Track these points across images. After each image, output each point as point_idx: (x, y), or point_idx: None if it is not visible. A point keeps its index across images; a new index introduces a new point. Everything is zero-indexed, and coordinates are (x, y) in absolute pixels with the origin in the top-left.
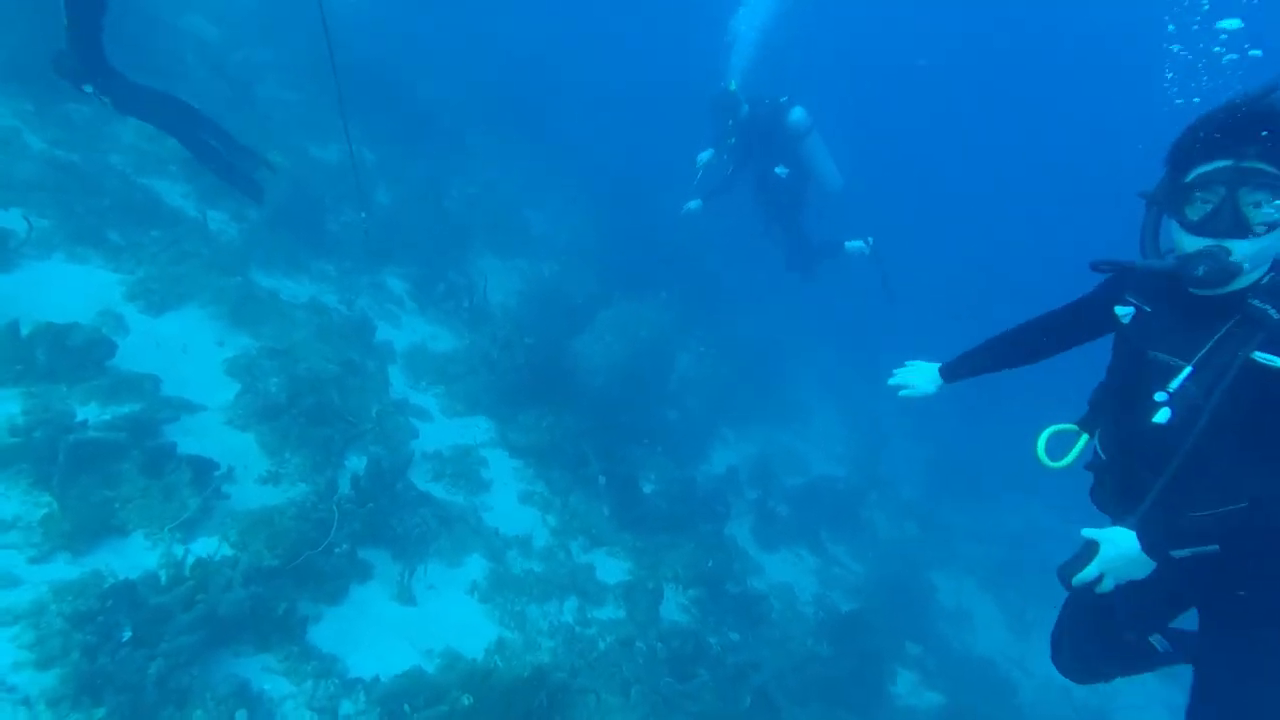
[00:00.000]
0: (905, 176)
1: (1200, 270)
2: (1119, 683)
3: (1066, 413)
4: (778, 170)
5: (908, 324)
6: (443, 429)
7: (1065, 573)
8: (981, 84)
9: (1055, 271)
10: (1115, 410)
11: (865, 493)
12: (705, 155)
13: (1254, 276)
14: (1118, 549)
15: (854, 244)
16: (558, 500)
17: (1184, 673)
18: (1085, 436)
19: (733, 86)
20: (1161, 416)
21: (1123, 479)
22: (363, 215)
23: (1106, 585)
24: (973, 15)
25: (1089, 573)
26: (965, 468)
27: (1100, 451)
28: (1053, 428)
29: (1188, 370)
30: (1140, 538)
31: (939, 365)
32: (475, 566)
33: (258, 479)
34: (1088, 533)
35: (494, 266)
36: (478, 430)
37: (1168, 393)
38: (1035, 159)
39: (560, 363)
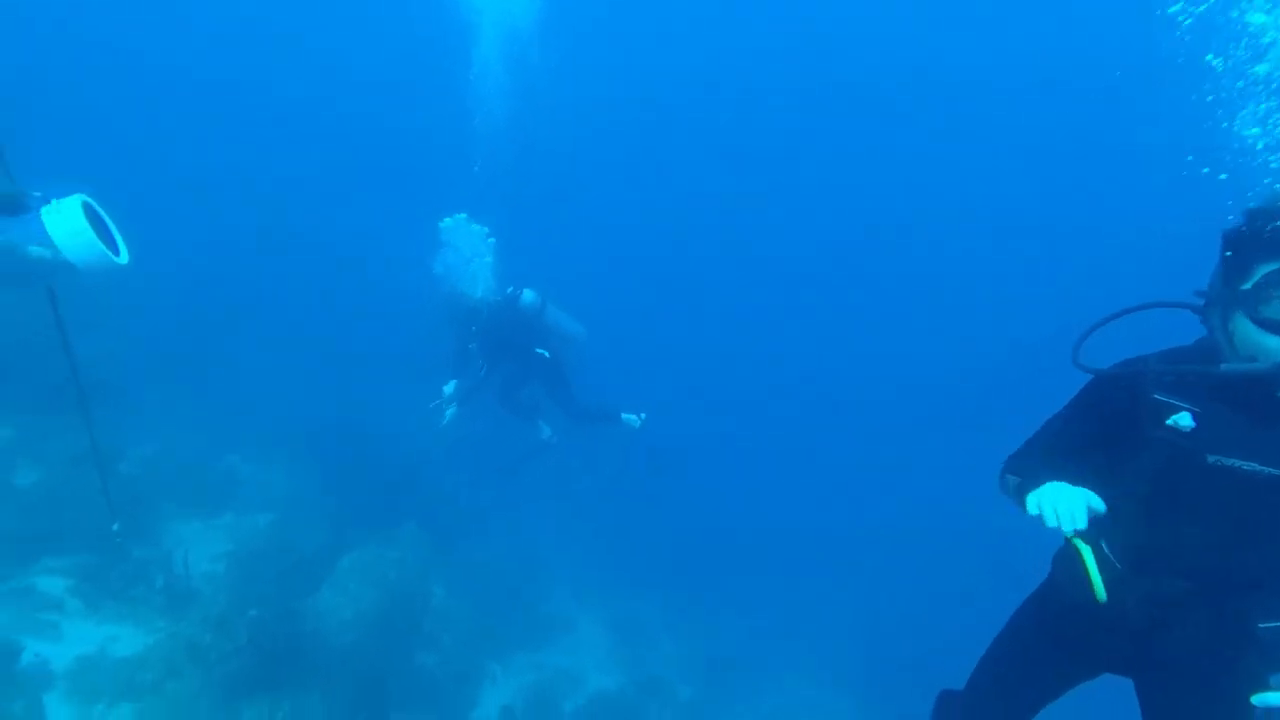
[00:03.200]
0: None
1: None
2: None
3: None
4: (540, 352)
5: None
6: None
7: None
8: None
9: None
10: (1156, 521)
11: (645, 704)
12: (450, 387)
13: None
14: None
15: (629, 416)
16: None
17: None
18: (1089, 550)
19: (477, 295)
20: None
21: (1172, 594)
22: (115, 527)
23: None
24: None
25: None
26: (732, 651)
27: (1117, 562)
28: (1086, 548)
29: None
30: None
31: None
32: None
33: None
34: (1271, 697)
35: (194, 530)
36: None
37: None
38: None
39: (297, 630)
